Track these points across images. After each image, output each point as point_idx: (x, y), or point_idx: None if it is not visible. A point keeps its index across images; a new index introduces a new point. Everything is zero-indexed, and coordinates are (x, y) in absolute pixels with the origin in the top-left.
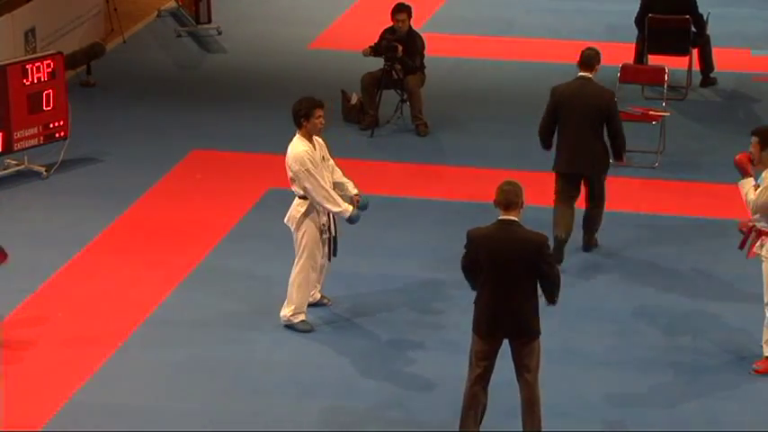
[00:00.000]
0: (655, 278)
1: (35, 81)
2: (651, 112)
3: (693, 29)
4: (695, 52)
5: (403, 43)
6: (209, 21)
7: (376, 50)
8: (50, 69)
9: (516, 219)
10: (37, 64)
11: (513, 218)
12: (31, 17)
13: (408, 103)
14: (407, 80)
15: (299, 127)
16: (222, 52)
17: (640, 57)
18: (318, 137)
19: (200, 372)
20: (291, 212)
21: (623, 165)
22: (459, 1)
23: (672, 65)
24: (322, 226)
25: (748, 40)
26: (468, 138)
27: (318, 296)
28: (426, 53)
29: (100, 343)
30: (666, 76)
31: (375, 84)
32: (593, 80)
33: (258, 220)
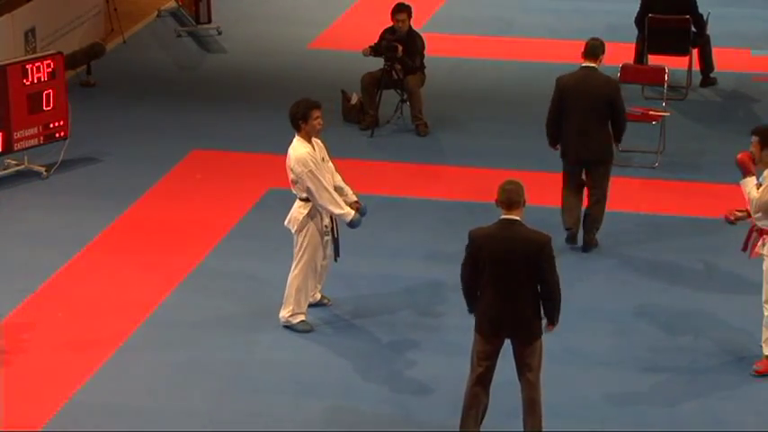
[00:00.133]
0: (655, 278)
1: (35, 81)
2: (651, 112)
3: (693, 29)
4: (695, 52)
5: (403, 43)
6: (209, 21)
7: (376, 50)
8: (50, 69)
9: (518, 218)
10: (37, 64)
11: (516, 217)
12: (31, 17)
13: (408, 103)
14: (407, 80)
15: (298, 130)
16: (222, 52)
17: (640, 57)
18: (318, 138)
19: (200, 372)
20: (293, 214)
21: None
22: (459, 1)
23: (672, 65)
24: (325, 228)
25: (748, 40)
26: (468, 138)
27: (318, 296)
28: (426, 53)
29: (100, 343)
30: (666, 76)
31: (375, 84)
32: (597, 69)
33: (258, 221)
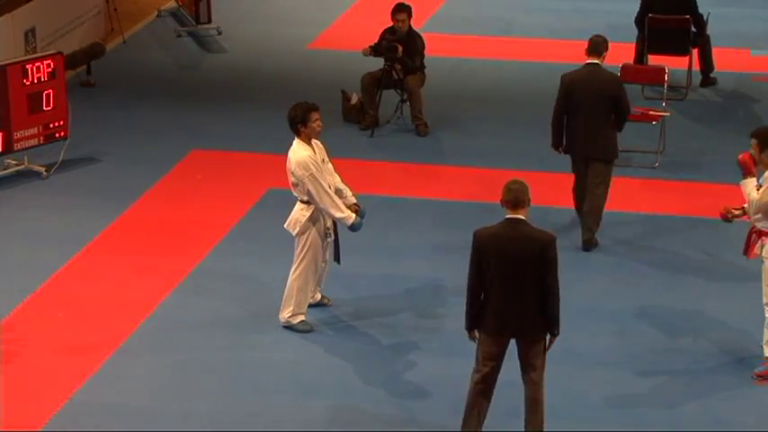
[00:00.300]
0: (655, 278)
1: (35, 81)
2: (651, 112)
3: (693, 29)
4: (695, 52)
5: (403, 43)
6: (209, 21)
7: (376, 50)
8: (50, 69)
9: (524, 217)
10: (37, 64)
11: (521, 216)
12: (31, 17)
13: (408, 103)
14: (407, 80)
15: (297, 134)
16: (222, 52)
17: (640, 57)
18: (317, 140)
19: (200, 372)
20: (294, 216)
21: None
22: (459, 1)
23: (672, 65)
24: (326, 230)
25: (748, 40)
26: (468, 138)
27: (319, 297)
28: (426, 53)
29: (100, 343)
30: (666, 76)
31: (375, 84)
32: (601, 66)
33: (258, 221)
